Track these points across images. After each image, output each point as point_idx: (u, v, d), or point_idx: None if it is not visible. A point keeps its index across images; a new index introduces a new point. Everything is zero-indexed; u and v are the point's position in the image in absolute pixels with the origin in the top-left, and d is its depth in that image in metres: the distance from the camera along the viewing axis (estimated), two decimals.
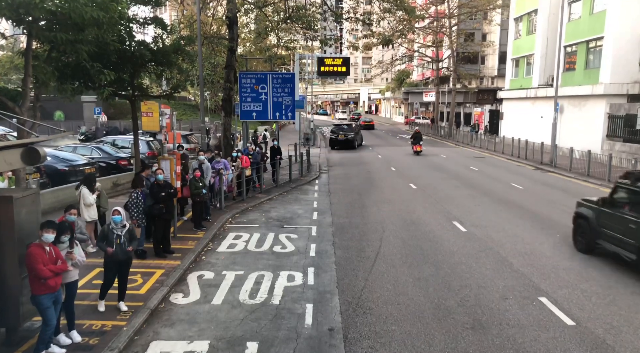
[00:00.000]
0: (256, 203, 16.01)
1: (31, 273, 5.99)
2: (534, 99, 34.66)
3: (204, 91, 21.63)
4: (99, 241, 7.35)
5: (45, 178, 15.62)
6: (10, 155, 6.10)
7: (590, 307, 7.87)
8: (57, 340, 6.36)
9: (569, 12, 30.60)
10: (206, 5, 24.19)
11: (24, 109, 9.54)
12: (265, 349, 6.53)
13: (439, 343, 6.71)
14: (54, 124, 38.41)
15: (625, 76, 26.18)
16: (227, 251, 10.86)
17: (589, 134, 27.14)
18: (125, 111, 43.98)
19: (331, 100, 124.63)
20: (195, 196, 12.23)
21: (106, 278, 7.49)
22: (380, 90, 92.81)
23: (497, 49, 54.38)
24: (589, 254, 10.41)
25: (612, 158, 20.72)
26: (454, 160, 29.05)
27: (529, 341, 6.75)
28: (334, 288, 8.72)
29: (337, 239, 11.89)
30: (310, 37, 25.20)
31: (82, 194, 9.64)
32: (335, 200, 16.82)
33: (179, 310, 7.78)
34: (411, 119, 67.42)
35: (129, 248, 7.42)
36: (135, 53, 12.55)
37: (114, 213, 7.42)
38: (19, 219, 6.30)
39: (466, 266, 9.80)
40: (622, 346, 6.63)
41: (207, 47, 22.27)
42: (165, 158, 11.83)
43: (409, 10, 23.56)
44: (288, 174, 20.58)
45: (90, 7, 8.87)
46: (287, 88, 19.53)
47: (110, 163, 19.47)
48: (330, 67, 24.59)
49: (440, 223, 13.37)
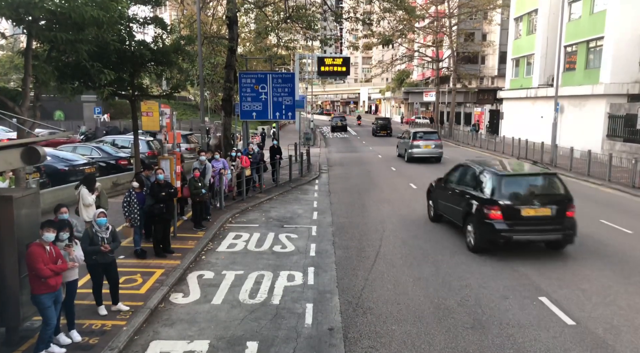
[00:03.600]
0: (256, 202, 16.01)
1: (31, 273, 6.00)
2: (534, 99, 34.65)
3: (204, 91, 21.62)
4: (85, 245, 7.03)
5: (45, 178, 15.61)
6: (10, 155, 6.10)
7: (591, 307, 7.87)
8: (57, 340, 6.36)
9: (569, 12, 30.59)
10: (206, 5, 24.21)
11: (24, 109, 9.53)
12: (265, 349, 6.52)
13: (439, 342, 6.71)
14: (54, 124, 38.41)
15: (625, 76, 26.17)
16: (227, 251, 10.86)
17: (589, 134, 27.14)
18: (125, 110, 44.00)
19: (331, 100, 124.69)
20: (195, 196, 12.23)
21: (95, 283, 7.35)
22: (380, 90, 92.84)
23: (497, 49, 54.36)
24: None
25: (612, 158, 20.70)
26: (455, 160, 28.96)
27: (529, 341, 6.74)
28: (334, 287, 8.72)
29: (337, 239, 11.88)
30: (310, 37, 25.18)
31: (81, 194, 9.61)
32: (335, 200, 16.82)
33: (179, 309, 7.78)
34: (411, 119, 67.39)
35: (106, 246, 7.13)
36: (135, 53, 12.54)
37: (99, 215, 7.27)
38: (19, 219, 6.29)
39: (466, 266, 9.80)
40: (622, 346, 6.63)
41: (207, 47, 22.27)
42: (165, 157, 11.83)
43: (409, 10, 23.54)
44: (288, 174, 20.58)
45: (90, 6, 8.85)
46: (287, 88, 19.52)
47: (110, 162, 19.47)
48: (330, 67, 24.58)
49: (440, 223, 13.36)
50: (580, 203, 16.06)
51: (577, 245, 11.23)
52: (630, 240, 11.81)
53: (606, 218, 13.71)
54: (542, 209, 10.05)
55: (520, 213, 9.98)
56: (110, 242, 7.28)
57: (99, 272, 7.34)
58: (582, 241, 11.56)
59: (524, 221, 10.02)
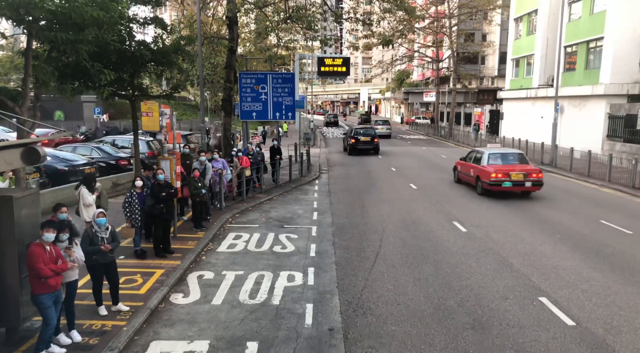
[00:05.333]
0: (256, 203, 16.00)
1: (32, 273, 6.00)
2: (534, 99, 34.66)
3: (204, 91, 21.62)
4: (85, 245, 7.02)
5: (45, 178, 15.61)
6: (10, 155, 6.10)
7: (591, 307, 7.87)
8: (57, 340, 6.36)
9: (569, 12, 30.59)
10: (206, 5, 24.20)
11: (24, 109, 9.52)
12: (265, 349, 6.52)
13: (439, 343, 6.71)
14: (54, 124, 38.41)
15: (625, 76, 26.17)
16: (227, 251, 10.86)
17: (589, 134, 27.14)
18: (125, 111, 43.99)
19: (331, 100, 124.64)
20: (195, 197, 12.23)
21: (95, 283, 7.35)
22: (380, 90, 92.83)
23: (497, 49, 54.42)
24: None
25: (612, 158, 20.71)
26: (454, 160, 28.97)
27: (529, 341, 6.74)
28: (334, 288, 8.72)
29: (337, 239, 11.88)
30: (310, 37, 25.16)
31: (81, 194, 9.61)
32: (336, 200, 16.82)
33: (179, 310, 7.78)
34: (411, 119, 67.38)
35: (107, 246, 7.16)
36: (135, 53, 12.53)
37: (98, 215, 7.26)
38: (19, 219, 6.30)
39: (466, 266, 9.80)
40: (622, 346, 6.63)
41: (207, 47, 22.27)
42: (166, 158, 11.82)
43: (409, 11, 23.54)
44: (288, 175, 20.57)
45: (91, 6, 8.85)
46: (287, 88, 19.52)
47: (110, 163, 19.46)
48: (330, 67, 24.60)
49: (440, 223, 13.37)
50: (580, 203, 16.14)
51: (577, 245, 11.27)
52: (630, 240, 11.82)
53: (606, 219, 13.71)
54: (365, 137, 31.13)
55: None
56: (110, 242, 7.27)
57: (99, 272, 7.34)
58: (582, 241, 11.58)
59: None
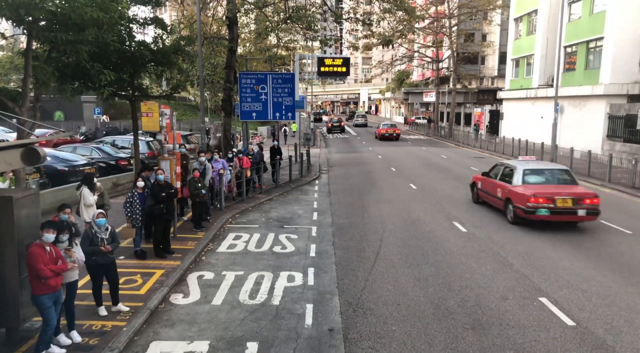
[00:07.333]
0: (256, 203, 16.00)
1: (32, 273, 6.00)
2: (534, 99, 34.66)
3: (204, 91, 21.62)
4: (85, 246, 6.99)
5: (45, 178, 15.61)
6: (10, 155, 6.10)
7: (591, 307, 7.87)
8: (57, 341, 6.36)
9: (569, 12, 30.59)
10: (206, 6, 24.22)
11: (24, 110, 9.53)
12: (265, 349, 6.52)
13: (439, 343, 6.70)
14: (54, 124, 38.42)
15: (625, 76, 26.17)
16: (227, 252, 10.86)
17: (589, 134, 27.14)
18: (125, 111, 43.97)
19: (331, 100, 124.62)
20: (195, 197, 12.23)
21: (95, 283, 7.35)
22: (380, 90, 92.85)
23: (497, 50, 54.38)
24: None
25: (612, 158, 20.71)
26: (454, 160, 29.05)
27: (529, 341, 6.74)
28: (334, 288, 8.72)
29: (337, 239, 11.88)
30: (310, 38, 25.20)
31: (82, 195, 9.61)
32: (335, 200, 16.82)
33: (179, 310, 7.78)
34: (411, 119, 67.36)
35: (107, 247, 7.16)
36: (135, 53, 12.53)
37: (98, 216, 7.26)
38: (19, 220, 6.29)
39: (466, 267, 9.80)
40: (622, 346, 6.63)
41: (207, 48, 22.27)
42: (165, 158, 11.82)
43: (409, 11, 23.56)
44: (288, 175, 20.58)
45: (91, 7, 8.85)
46: (287, 88, 19.51)
47: (110, 163, 19.47)
48: (330, 67, 24.61)
49: (440, 223, 13.37)
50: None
51: (577, 245, 11.27)
52: (630, 240, 11.82)
53: (606, 218, 13.69)
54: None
55: None
56: (110, 243, 7.27)
57: (99, 273, 7.33)
58: (582, 241, 11.58)
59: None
